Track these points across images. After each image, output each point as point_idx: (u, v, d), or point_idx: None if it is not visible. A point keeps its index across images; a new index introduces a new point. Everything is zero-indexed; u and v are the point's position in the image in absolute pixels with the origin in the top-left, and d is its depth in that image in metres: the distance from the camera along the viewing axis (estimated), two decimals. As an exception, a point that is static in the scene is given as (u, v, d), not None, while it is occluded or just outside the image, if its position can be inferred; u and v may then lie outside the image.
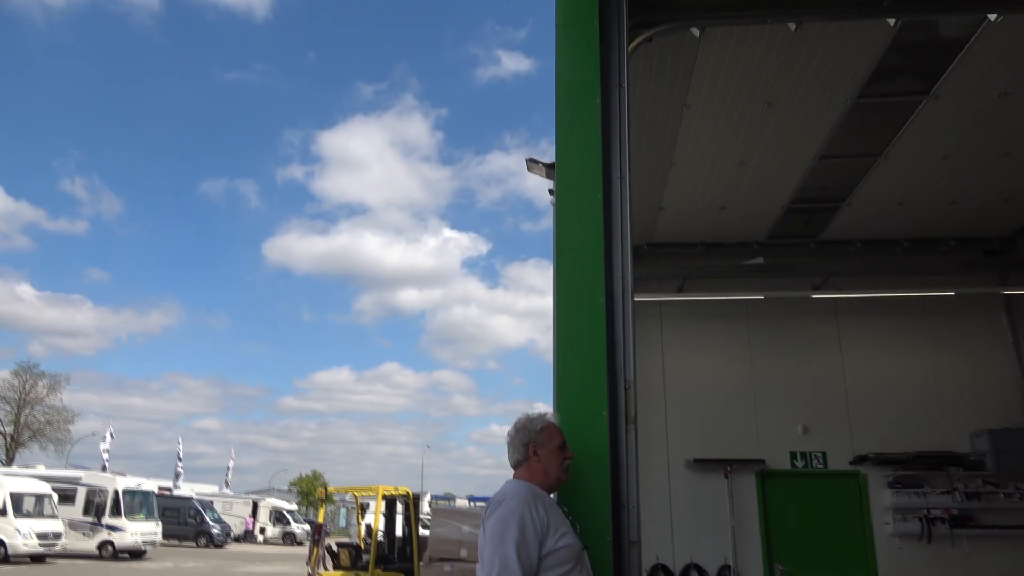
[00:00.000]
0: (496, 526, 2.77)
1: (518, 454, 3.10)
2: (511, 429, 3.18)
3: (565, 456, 3.11)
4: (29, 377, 52.29)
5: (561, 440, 3.13)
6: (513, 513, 2.77)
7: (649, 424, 9.27)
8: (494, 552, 2.71)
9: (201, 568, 24.94)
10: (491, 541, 2.75)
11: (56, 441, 52.19)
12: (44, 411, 52.46)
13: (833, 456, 9.03)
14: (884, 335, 9.40)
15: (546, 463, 3.05)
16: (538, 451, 3.06)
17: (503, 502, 2.85)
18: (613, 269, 3.74)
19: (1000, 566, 8.47)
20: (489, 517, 2.85)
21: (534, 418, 3.18)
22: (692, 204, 8.40)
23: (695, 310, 9.61)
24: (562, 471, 3.09)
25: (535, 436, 3.08)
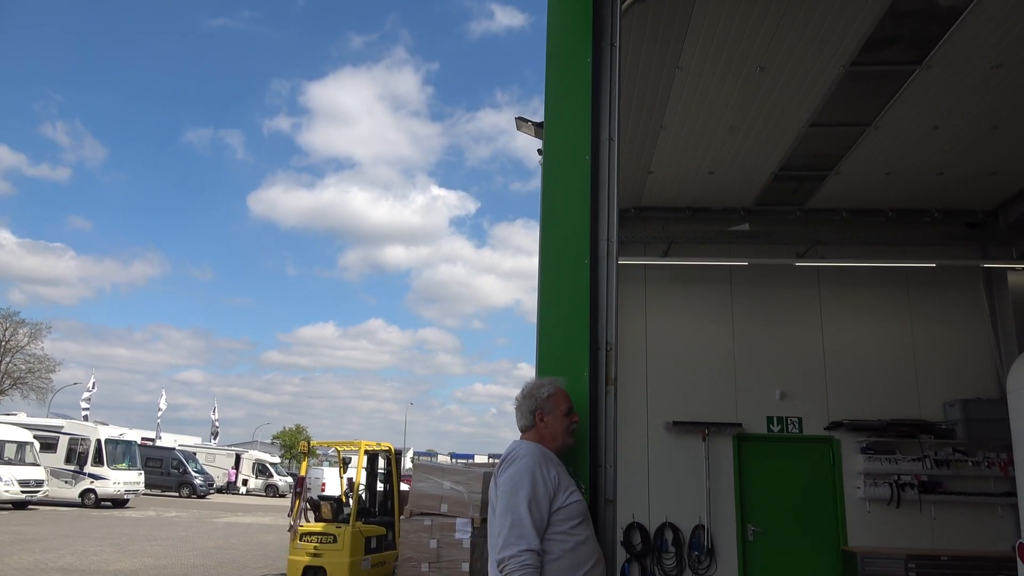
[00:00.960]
0: (508, 483, 2.85)
1: (525, 420, 3.18)
2: (519, 394, 3.26)
3: (572, 421, 3.19)
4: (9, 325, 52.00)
5: (568, 406, 3.20)
6: (525, 471, 2.85)
7: (630, 386, 9.37)
8: (507, 508, 2.78)
9: (183, 517, 25.20)
10: (504, 497, 2.82)
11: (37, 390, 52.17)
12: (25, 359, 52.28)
13: (809, 422, 9.20)
14: (864, 304, 9.51)
15: (553, 428, 3.13)
16: (545, 417, 3.14)
17: (516, 460, 2.93)
18: (599, 231, 3.73)
19: (964, 531, 8.73)
20: (501, 474, 2.92)
21: (542, 384, 3.24)
22: (681, 168, 8.37)
23: (680, 275, 9.65)
24: (568, 435, 3.17)
25: (541, 403, 3.15)
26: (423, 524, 10.14)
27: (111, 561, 13.55)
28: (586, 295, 3.61)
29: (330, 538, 11.03)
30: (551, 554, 2.78)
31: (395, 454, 12.73)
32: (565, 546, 2.82)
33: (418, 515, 10.21)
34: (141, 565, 13.26)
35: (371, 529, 11.67)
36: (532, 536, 2.72)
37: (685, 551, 8.90)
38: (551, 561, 2.77)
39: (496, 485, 2.92)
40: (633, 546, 8.92)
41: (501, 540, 2.74)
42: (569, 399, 3.26)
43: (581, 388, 3.48)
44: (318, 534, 11.12)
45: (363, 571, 11.26)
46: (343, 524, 11.20)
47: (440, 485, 10.54)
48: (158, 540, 17.62)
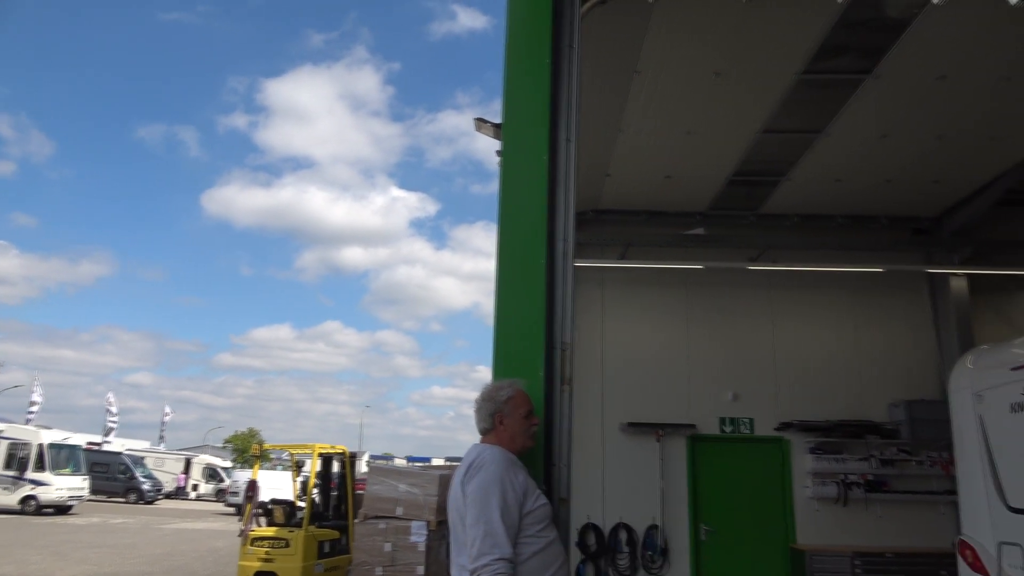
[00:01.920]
0: (478, 491, 2.81)
1: (485, 423, 3.15)
2: (478, 397, 3.23)
3: (531, 423, 3.19)
4: (-55, 325, 50.06)
5: (527, 408, 3.19)
6: (495, 478, 2.83)
7: (585, 388, 9.43)
8: (478, 517, 2.76)
9: (130, 523, 24.50)
10: (474, 506, 2.79)
11: (-25, 392, 50.35)
12: (-37, 361, 50.48)
13: (760, 422, 9.37)
14: (813, 308, 9.73)
15: (512, 431, 3.11)
16: (504, 420, 3.12)
17: (483, 467, 2.90)
18: (556, 232, 3.74)
19: (908, 528, 8.99)
20: (469, 483, 2.87)
21: (501, 387, 3.22)
22: (638, 171, 8.45)
23: (636, 277, 9.74)
24: (527, 438, 3.16)
25: (501, 406, 3.13)
26: (378, 527, 10.04)
27: (53, 570, 13.11)
28: (542, 295, 3.61)
29: (282, 543, 10.84)
30: (521, 556, 2.78)
31: (349, 457, 12.58)
32: (534, 548, 2.83)
33: (373, 518, 10.11)
34: (84, 573, 12.86)
35: (324, 533, 11.50)
36: (505, 544, 2.72)
37: (639, 551, 8.97)
38: (521, 563, 2.77)
39: (464, 494, 2.88)
40: (588, 547, 8.96)
41: (475, 550, 2.71)
42: (529, 401, 3.25)
43: (536, 387, 3.48)
44: (270, 539, 10.92)
45: (316, 575, 11.09)
46: (296, 528, 11.01)
47: (395, 488, 10.45)
48: (103, 547, 17.10)
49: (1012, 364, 5.18)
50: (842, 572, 8.34)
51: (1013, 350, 5.37)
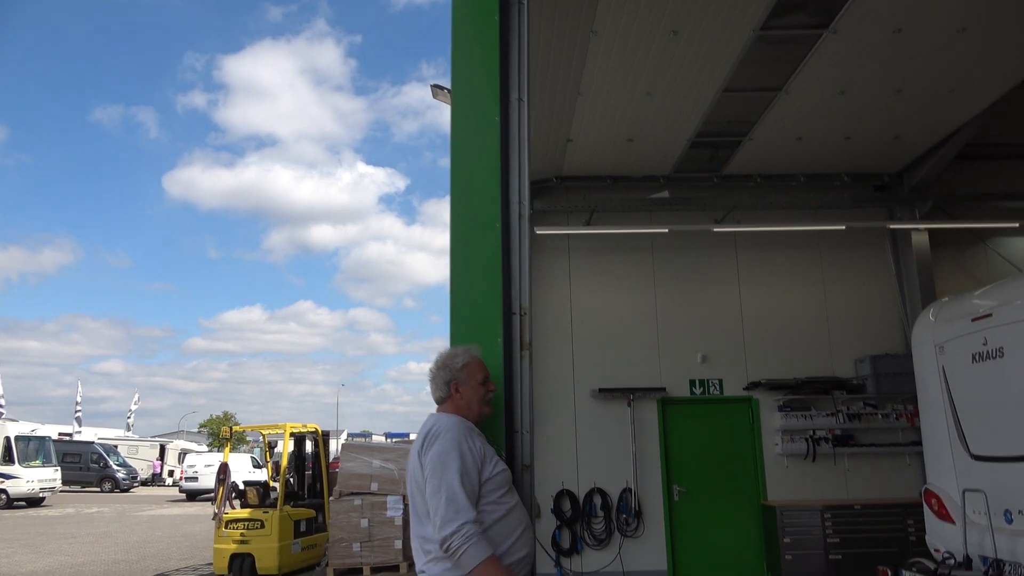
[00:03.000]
0: (436, 460, 2.77)
1: (440, 391, 3.10)
2: (432, 366, 3.17)
3: (488, 390, 3.14)
4: (-99, 320, 48.72)
5: (483, 375, 3.14)
6: (452, 444, 2.79)
7: (555, 356, 9.42)
8: (439, 485, 2.71)
9: (105, 512, 24.25)
10: (434, 475, 2.75)
11: (-63, 387, 49.25)
12: (-78, 356, 49.30)
13: (729, 383, 9.44)
14: (778, 267, 9.78)
15: (468, 399, 3.07)
16: (460, 388, 3.07)
17: (439, 435, 2.84)
18: (510, 195, 3.65)
19: (875, 481, 9.17)
20: (426, 452, 2.82)
21: (456, 354, 3.16)
22: (600, 136, 8.36)
23: (602, 243, 9.70)
24: (484, 404, 3.12)
25: (456, 373, 3.08)
26: (353, 504, 10.02)
27: (24, 563, 12.91)
28: (498, 260, 3.53)
29: (257, 523, 10.76)
30: (483, 523, 2.74)
31: (322, 435, 12.50)
32: (495, 515, 2.80)
33: (348, 495, 10.08)
34: (57, 564, 12.68)
35: (300, 512, 11.44)
36: (468, 508, 2.68)
37: (613, 515, 9.05)
38: (483, 530, 2.73)
39: (422, 464, 2.83)
40: (563, 513, 9.01)
41: (439, 519, 2.67)
42: (484, 368, 3.20)
43: (495, 354, 3.42)
44: (244, 520, 10.83)
45: (293, 555, 11.05)
46: (270, 509, 10.93)
47: (369, 464, 10.42)
48: (76, 538, 16.89)
49: (972, 315, 5.23)
50: (812, 526, 8.49)
51: (973, 301, 5.43)
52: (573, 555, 8.94)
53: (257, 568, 10.62)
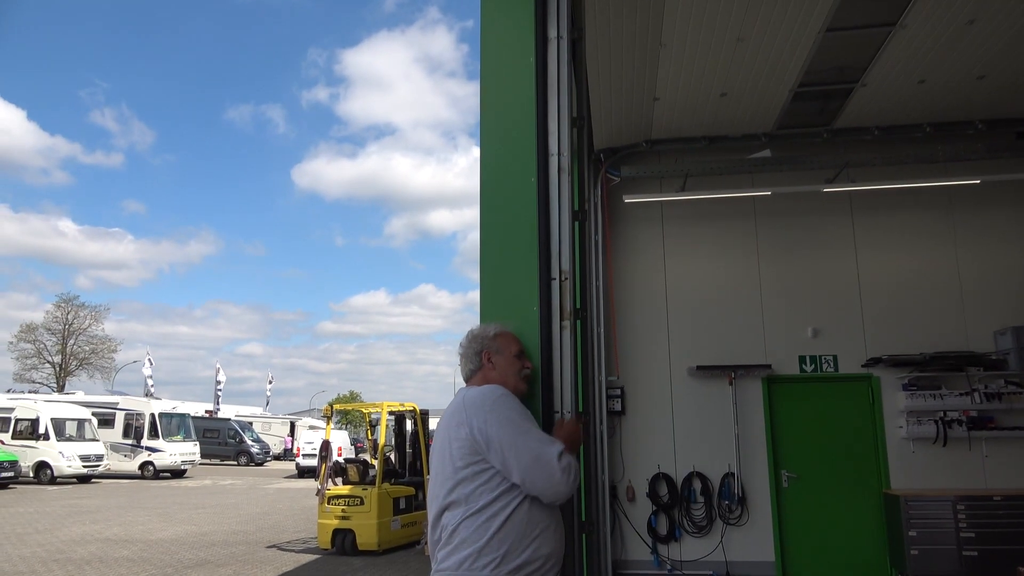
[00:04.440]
0: (501, 419, 2.43)
1: (471, 363, 2.78)
2: (463, 340, 2.84)
3: (524, 365, 2.79)
4: (71, 308, 54.28)
5: (519, 348, 2.81)
6: (504, 398, 2.51)
7: (650, 332, 8.89)
8: (515, 435, 2.42)
9: (237, 484, 25.82)
10: (504, 431, 2.42)
11: (102, 369, 54.73)
12: (88, 340, 54.85)
13: (844, 359, 8.57)
14: (902, 230, 8.74)
15: (502, 371, 2.72)
16: (492, 358, 2.74)
17: (486, 399, 2.49)
18: (548, 144, 3.23)
19: (1019, 468, 8.06)
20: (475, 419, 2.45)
21: (487, 326, 2.85)
22: (690, 92, 7.68)
23: (699, 210, 9.01)
24: (520, 380, 2.76)
25: (488, 343, 2.76)
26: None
27: (156, 530, 13.80)
28: (534, 218, 3.13)
29: (357, 500, 10.92)
30: (507, 510, 2.39)
31: (420, 414, 12.53)
32: (518, 503, 2.42)
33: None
34: (183, 533, 13.46)
35: (399, 490, 11.53)
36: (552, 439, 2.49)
37: (715, 500, 8.45)
38: (507, 518, 2.38)
39: (474, 431, 2.44)
40: (660, 497, 8.51)
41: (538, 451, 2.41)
42: (520, 343, 2.85)
43: (531, 324, 3.03)
44: (345, 497, 11.03)
45: (392, 532, 11.15)
46: (370, 486, 11.07)
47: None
48: (207, 508, 17.98)
49: None
50: (943, 519, 7.57)
51: None
52: (671, 542, 8.43)
53: (358, 543, 10.80)
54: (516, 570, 2.37)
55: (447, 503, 2.51)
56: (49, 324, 53.98)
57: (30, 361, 52.96)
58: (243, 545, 12.11)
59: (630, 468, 8.63)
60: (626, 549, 8.46)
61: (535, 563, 2.42)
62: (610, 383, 8.70)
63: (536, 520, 2.47)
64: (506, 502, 2.42)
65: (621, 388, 8.75)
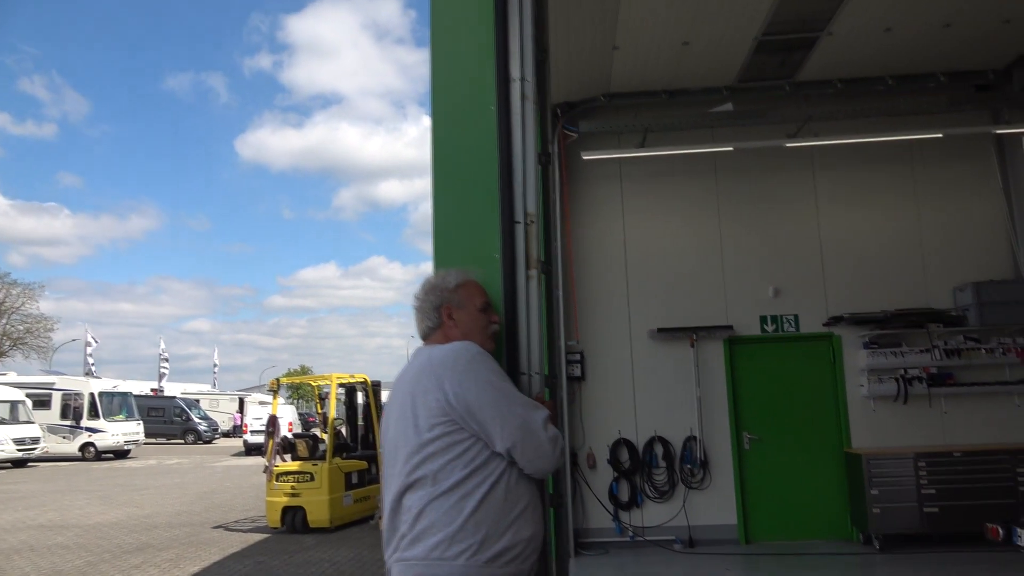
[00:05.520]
0: (479, 382, 2.07)
1: (429, 319, 2.35)
2: (419, 291, 2.41)
3: (491, 320, 2.40)
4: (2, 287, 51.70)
5: (484, 299, 2.39)
6: (483, 358, 2.15)
7: (609, 293, 8.59)
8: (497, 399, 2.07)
9: (184, 464, 25.06)
10: (485, 394, 2.06)
11: (38, 349, 52.33)
12: (22, 319, 52.27)
13: (806, 319, 8.42)
14: (863, 185, 8.59)
15: (466, 328, 2.32)
16: (454, 313, 2.32)
17: (459, 363, 2.10)
18: (510, 67, 2.81)
19: (978, 424, 8.08)
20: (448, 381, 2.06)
21: (447, 274, 2.41)
22: (650, 40, 7.29)
23: (659, 167, 8.70)
24: (487, 338, 2.37)
25: (448, 296, 2.34)
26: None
27: (95, 514, 13.14)
28: (493, 153, 2.72)
29: (307, 476, 10.48)
30: (481, 489, 2.03)
31: (371, 385, 12.08)
32: (493, 480, 2.06)
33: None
34: (124, 516, 12.84)
35: (351, 464, 11.12)
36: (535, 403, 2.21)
37: (677, 465, 8.27)
38: (482, 498, 2.03)
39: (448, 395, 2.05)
40: (621, 463, 8.29)
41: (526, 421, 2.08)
42: (484, 293, 2.43)
43: (492, 274, 2.62)
44: (294, 473, 10.57)
45: (344, 507, 10.75)
46: (320, 461, 10.63)
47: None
48: (150, 489, 17.30)
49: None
50: (904, 475, 7.51)
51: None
52: (632, 508, 8.23)
53: (309, 521, 10.38)
54: (495, 557, 2.00)
55: (411, 481, 2.11)
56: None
57: (-42, 342, 50.46)
58: (187, 527, 11.57)
59: (591, 435, 8.38)
60: (587, 517, 8.24)
61: (516, 548, 2.05)
62: (569, 347, 8.39)
63: (515, 499, 2.10)
64: (481, 479, 2.05)
65: (580, 353, 8.46)
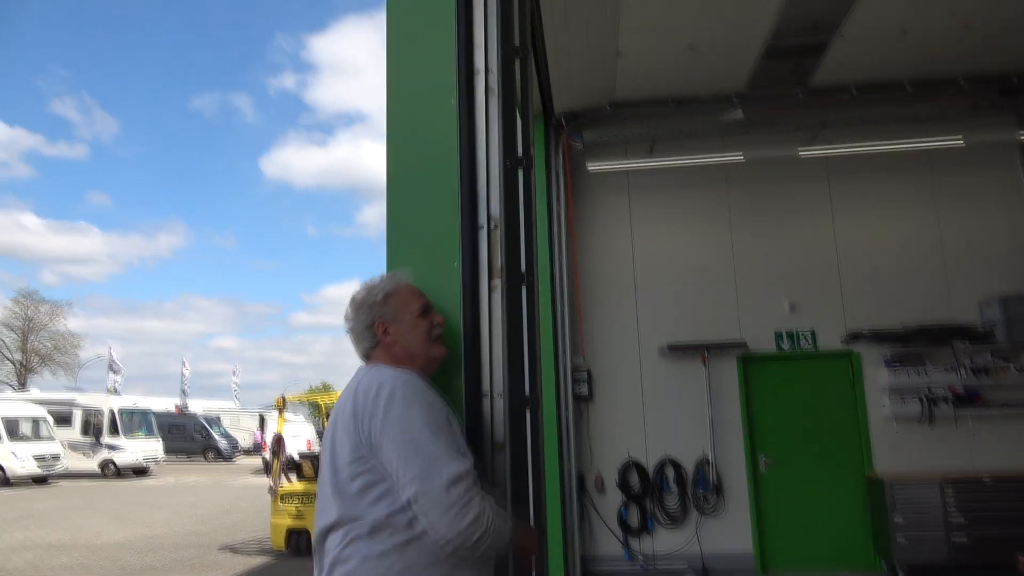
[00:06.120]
0: (393, 418, 1.83)
1: (365, 340, 2.13)
2: (348, 311, 2.17)
3: (433, 323, 2.16)
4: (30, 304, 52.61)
5: (420, 302, 2.16)
6: (409, 389, 1.89)
7: (617, 309, 8.30)
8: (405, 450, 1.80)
9: (201, 482, 24.98)
10: (398, 439, 1.82)
11: (65, 366, 53.06)
12: (50, 337, 53.10)
13: (823, 335, 8.05)
14: (882, 195, 8.23)
15: (405, 341, 2.10)
16: (389, 328, 2.09)
17: (381, 393, 1.88)
18: (473, 58, 2.58)
19: (1008, 447, 7.62)
20: (369, 416, 1.86)
21: (373, 286, 2.17)
22: (655, 45, 7.05)
23: (667, 178, 8.42)
24: (432, 344, 2.15)
25: (379, 310, 2.11)
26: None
27: (104, 534, 13.02)
28: (452, 148, 2.48)
29: (312, 498, 10.22)
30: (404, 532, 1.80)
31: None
32: None
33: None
34: (133, 536, 12.70)
35: (357, 485, 10.86)
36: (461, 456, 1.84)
37: (689, 489, 7.91)
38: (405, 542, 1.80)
39: (370, 429, 1.85)
40: (631, 487, 7.94)
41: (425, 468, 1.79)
42: (420, 294, 2.19)
43: (452, 283, 2.39)
44: (300, 494, 10.33)
45: (350, 530, 10.48)
46: (325, 482, 10.38)
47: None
48: (165, 507, 17.18)
49: None
50: (930, 503, 7.10)
51: None
52: (643, 535, 7.87)
53: (313, 544, 10.12)
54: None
55: (331, 522, 1.88)
56: (8, 320, 52.29)
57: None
58: (194, 548, 11.39)
59: (599, 457, 8.06)
60: (596, 544, 7.90)
61: None
62: (576, 365, 8.10)
63: None
64: (405, 521, 1.80)
65: (588, 371, 8.16)
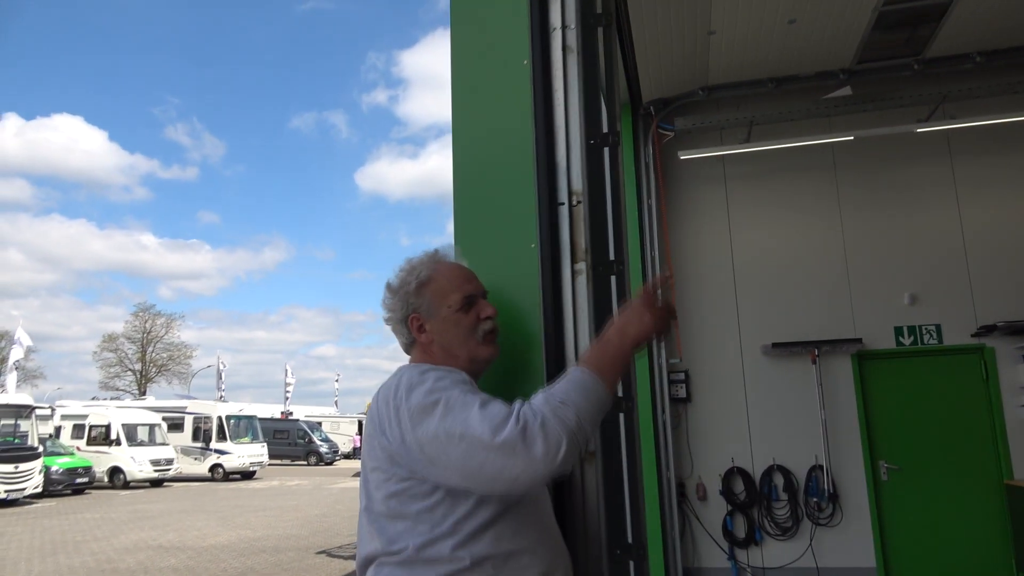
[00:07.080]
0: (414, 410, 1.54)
1: (402, 336, 1.84)
2: (385, 295, 1.86)
3: (479, 316, 1.79)
4: (148, 317, 56.41)
5: (462, 294, 1.79)
6: (426, 378, 1.58)
7: (716, 307, 7.79)
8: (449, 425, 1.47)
9: (304, 485, 25.69)
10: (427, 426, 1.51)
11: (179, 375, 56.60)
12: (165, 348, 56.76)
13: (950, 329, 7.28)
14: (1012, 172, 7.37)
15: (444, 339, 1.77)
16: (425, 324, 1.78)
17: (399, 393, 1.59)
18: (549, 12, 2.28)
19: None
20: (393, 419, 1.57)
21: (411, 269, 1.83)
22: (751, 20, 6.54)
23: (768, 164, 7.85)
24: (479, 342, 1.78)
25: (413, 302, 1.79)
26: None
27: (209, 535, 13.45)
28: (527, 117, 2.19)
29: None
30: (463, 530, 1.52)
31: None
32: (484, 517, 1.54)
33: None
34: (236, 538, 13.05)
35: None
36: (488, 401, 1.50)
37: (800, 498, 7.30)
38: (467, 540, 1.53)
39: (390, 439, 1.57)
40: (735, 495, 7.42)
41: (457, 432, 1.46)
42: (464, 280, 1.83)
43: (529, 267, 2.09)
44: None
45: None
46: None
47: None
48: (267, 510, 17.68)
49: None
50: (1085, 514, 6.26)
51: None
52: (751, 546, 7.33)
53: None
54: None
55: (366, 555, 1.60)
56: (129, 333, 56.18)
57: (113, 369, 55.27)
58: (293, 551, 11.56)
59: (699, 463, 7.56)
60: (699, 556, 7.41)
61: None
62: (672, 366, 7.64)
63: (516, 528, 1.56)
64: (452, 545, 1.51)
65: (685, 372, 7.69)
